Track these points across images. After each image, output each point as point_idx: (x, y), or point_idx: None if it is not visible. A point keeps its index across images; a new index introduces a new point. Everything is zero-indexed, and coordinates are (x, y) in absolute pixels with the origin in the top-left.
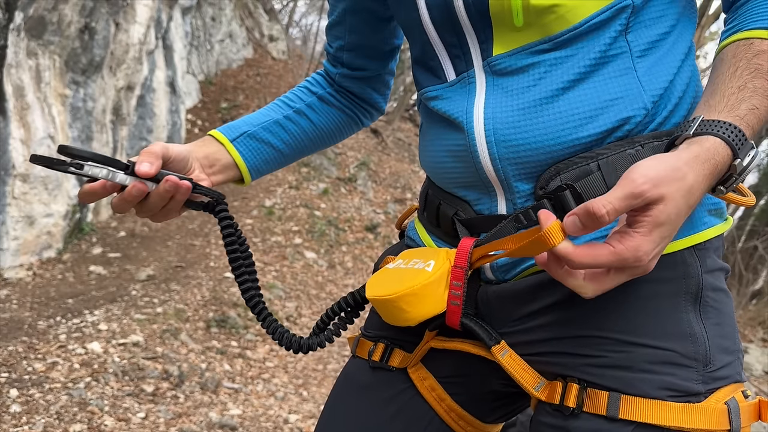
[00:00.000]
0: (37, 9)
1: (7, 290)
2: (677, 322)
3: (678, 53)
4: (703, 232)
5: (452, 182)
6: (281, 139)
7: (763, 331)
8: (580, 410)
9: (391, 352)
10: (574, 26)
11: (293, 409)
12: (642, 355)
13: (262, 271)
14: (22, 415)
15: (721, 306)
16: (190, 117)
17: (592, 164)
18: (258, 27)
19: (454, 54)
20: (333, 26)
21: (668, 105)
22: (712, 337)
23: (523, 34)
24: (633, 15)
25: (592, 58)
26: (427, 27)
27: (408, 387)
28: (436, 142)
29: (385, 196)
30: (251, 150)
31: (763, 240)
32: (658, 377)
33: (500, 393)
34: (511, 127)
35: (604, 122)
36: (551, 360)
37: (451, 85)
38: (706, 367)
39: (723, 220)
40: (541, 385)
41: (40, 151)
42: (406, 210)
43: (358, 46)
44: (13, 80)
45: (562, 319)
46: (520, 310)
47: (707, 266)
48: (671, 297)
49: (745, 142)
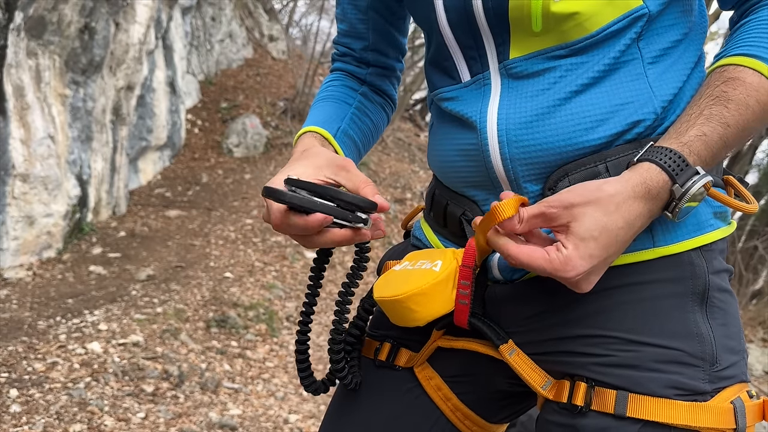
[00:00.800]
0: (37, 9)
1: (7, 290)
2: (684, 321)
3: (688, 60)
4: (710, 234)
5: (461, 182)
6: (359, 135)
7: (763, 331)
8: (588, 408)
9: (397, 352)
10: (592, 34)
11: (293, 409)
12: (649, 354)
13: (262, 271)
14: (22, 415)
15: (727, 306)
16: (190, 117)
17: (600, 166)
18: (258, 27)
19: (469, 56)
20: (352, 28)
21: (677, 110)
22: (718, 337)
23: (540, 39)
24: (647, 23)
25: (605, 63)
26: (443, 28)
27: (414, 386)
28: (447, 142)
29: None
30: (346, 147)
31: (764, 240)
32: (666, 376)
33: (507, 392)
34: (523, 128)
35: (614, 125)
36: (559, 359)
37: (466, 86)
38: (712, 366)
39: (727, 224)
40: (549, 384)
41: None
42: (412, 210)
43: (382, 43)
44: (13, 80)
45: (569, 319)
46: (527, 310)
47: (714, 267)
48: (678, 297)
49: (686, 167)
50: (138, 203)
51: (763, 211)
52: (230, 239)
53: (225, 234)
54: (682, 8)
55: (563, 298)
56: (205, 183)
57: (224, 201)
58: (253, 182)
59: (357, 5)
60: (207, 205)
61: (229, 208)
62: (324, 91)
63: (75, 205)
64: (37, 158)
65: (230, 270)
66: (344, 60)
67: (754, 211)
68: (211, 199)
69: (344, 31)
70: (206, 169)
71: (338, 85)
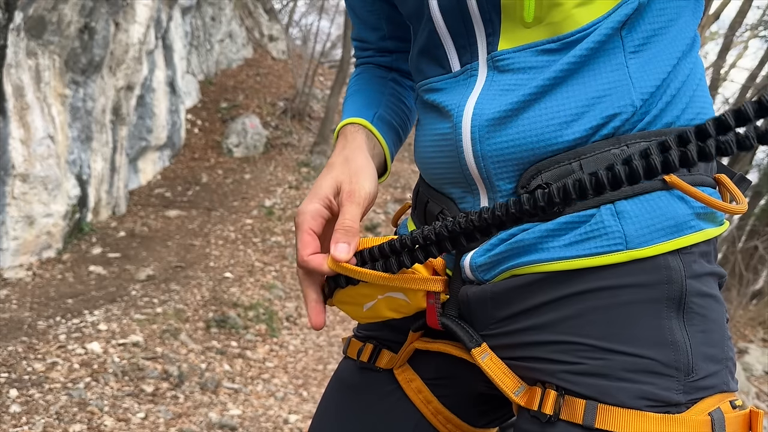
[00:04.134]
0: (37, 9)
1: (6, 290)
2: (657, 329)
3: (676, 49)
4: (688, 236)
5: (439, 178)
6: (397, 119)
7: (763, 331)
8: (557, 418)
9: (378, 353)
10: (584, 27)
11: (293, 409)
12: (619, 362)
13: (262, 271)
14: (22, 416)
15: (709, 312)
16: (189, 117)
17: (575, 164)
18: (258, 27)
19: (460, 44)
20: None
21: (659, 103)
22: (695, 344)
23: (531, 31)
24: (636, 11)
25: (580, 55)
26: (434, 15)
27: (395, 388)
28: (428, 133)
29: (385, 196)
30: (384, 132)
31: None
32: (636, 386)
33: (486, 396)
34: (494, 125)
35: (589, 120)
36: (530, 365)
37: (455, 76)
38: (687, 376)
39: (717, 225)
40: (521, 390)
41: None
42: (401, 207)
43: (398, 29)
44: (12, 80)
45: (540, 324)
46: (500, 312)
47: (693, 271)
48: (652, 303)
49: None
50: (138, 203)
51: (763, 211)
52: (230, 239)
53: (225, 234)
54: None
55: (534, 302)
56: (205, 183)
57: (224, 201)
58: (253, 182)
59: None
60: (207, 205)
61: (229, 208)
62: (354, 84)
63: (75, 205)
64: (36, 158)
65: (230, 270)
66: (366, 54)
67: (741, 212)
68: (211, 199)
69: (358, 24)
70: (206, 169)
71: (367, 76)
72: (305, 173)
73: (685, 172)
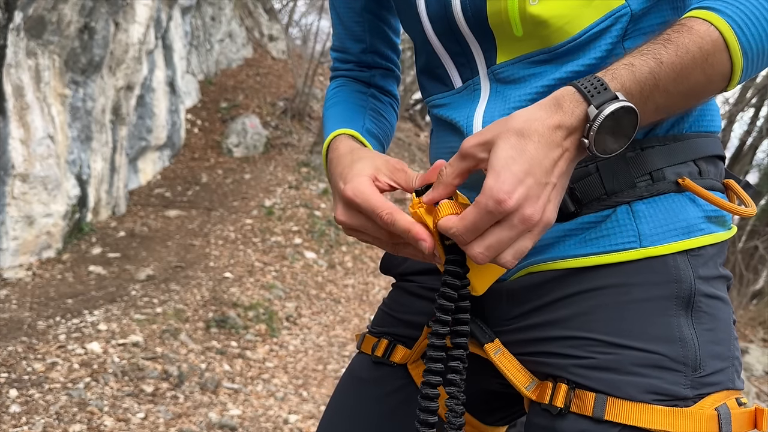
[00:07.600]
0: (37, 9)
1: (6, 290)
2: (666, 325)
3: None
4: (697, 239)
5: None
6: (380, 133)
7: (764, 331)
8: (567, 410)
9: (393, 348)
10: (573, 37)
11: (293, 409)
12: (629, 357)
13: (261, 271)
14: (22, 416)
15: (717, 312)
16: (189, 117)
17: (591, 166)
18: (258, 27)
19: (459, 62)
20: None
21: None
22: (703, 342)
23: (524, 43)
24: (632, 23)
25: (586, 65)
26: (431, 38)
27: (407, 382)
28: (440, 146)
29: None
30: (372, 145)
31: (764, 240)
32: (645, 380)
33: (498, 393)
34: None
35: None
36: (542, 360)
37: (458, 92)
38: (695, 372)
39: (725, 229)
40: (533, 384)
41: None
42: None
43: (380, 44)
44: (12, 80)
45: (553, 320)
46: (514, 310)
47: (700, 273)
48: (661, 300)
49: (603, 90)
50: (137, 203)
51: (763, 211)
52: (230, 239)
53: (225, 234)
54: (672, 5)
55: (547, 299)
56: (205, 183)
57: (224, 201)
58: (253, 182)
59: (352, 7)
60: (207, 205)
61: (229, 208)
62: (334, 96)
63: (74, 205)
64: (36, 158)
65: (230, 270)
66: (346, 67)
67: (750, 214)
68: (211, 199)
69: (341, 34)
70: (206, 169)
71: (347, 90)
72: (305, 173)
73: (696, 176)
